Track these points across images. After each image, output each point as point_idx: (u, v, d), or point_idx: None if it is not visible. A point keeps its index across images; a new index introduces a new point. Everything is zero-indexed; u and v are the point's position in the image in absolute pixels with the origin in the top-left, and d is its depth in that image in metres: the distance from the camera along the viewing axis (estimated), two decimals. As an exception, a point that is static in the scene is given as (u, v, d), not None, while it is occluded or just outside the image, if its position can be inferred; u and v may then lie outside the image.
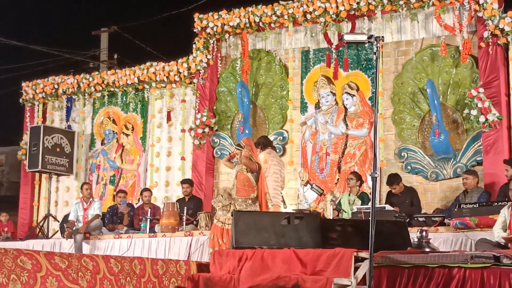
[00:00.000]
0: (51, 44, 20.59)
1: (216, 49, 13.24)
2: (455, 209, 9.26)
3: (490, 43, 10.80)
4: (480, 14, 10.88)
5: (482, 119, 10.62)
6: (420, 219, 9.64)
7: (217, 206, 9.15)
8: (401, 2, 11.43)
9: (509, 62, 10.83)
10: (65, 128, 14.84)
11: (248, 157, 9.08)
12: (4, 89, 21.05)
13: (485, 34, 10.81)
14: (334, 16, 12.00)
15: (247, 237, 7.51)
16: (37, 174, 14.91)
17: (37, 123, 14.94)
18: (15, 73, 19.44)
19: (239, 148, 9.29)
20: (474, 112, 10.69)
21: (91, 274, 6.23)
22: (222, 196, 9.26)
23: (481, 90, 10.67)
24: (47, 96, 15.15)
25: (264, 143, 10.47)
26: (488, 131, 10.70)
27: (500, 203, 8.79)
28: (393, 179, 10.69)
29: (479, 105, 10.62)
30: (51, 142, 14.13)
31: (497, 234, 7.98)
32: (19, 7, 26.93)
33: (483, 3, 10.79)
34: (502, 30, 10.67)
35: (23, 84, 15.45)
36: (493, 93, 10.73)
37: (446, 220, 9.47)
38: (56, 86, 14.96)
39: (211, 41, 13.18)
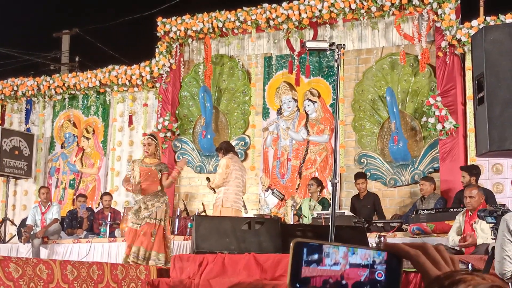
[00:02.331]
0: (11, 45, 20.37)
1: (179, 54, 13.26)
2: (413, 215, 9.42)
3: (448, 53, 11.00)
4: (438, 25, 11.09)
5: (439, 127, 10.81)
6: (379, 224, 9.77)
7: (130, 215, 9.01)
8: (362, 11, 11.59)
9: (465, 71, 11.03)
10: (24, 130, 14.68)
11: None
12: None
13: (443, 44, 11.00)
14: (296, 23, 12.11)
15: (208, 242, 7.56)
16: (-6, 177, 14.74)
17: (-5, 125, 14.77)
18: (-27, 74, 19.15)
19: (153, 139, 9.20)
20: (431, 120, 10.87)
21: (44, 284, 6.09)
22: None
23: (439, 98, 10.86)
24: (6, 98, 14.99)
25: (226, 148, 10.52)
26: (445, 138, 10.89)
27: (456, 209, 8.97)
28: (362, 174, 10.97)
29: (437, 113, 10.80)
30: (9, 145, 13.97)
31: (451, 239, 8.13)
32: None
33: (441, 14, 11.00)
34: (459, 41, 10.87)
35: (-18, 86, 15.27)
36: (450, 101, 10.92)
37: (403, 226, 9.61)
38: (15, 88, 14.81)
39: (174, 46, 13.19)
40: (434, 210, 9.30)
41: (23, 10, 26.94)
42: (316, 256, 1.25)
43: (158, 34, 13.28)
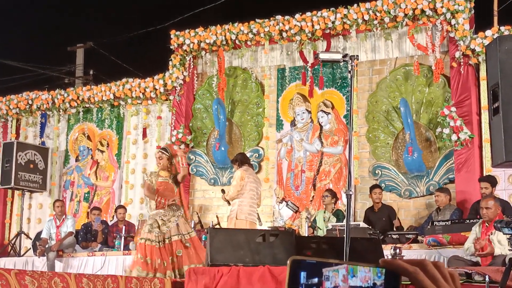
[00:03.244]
0: (26, 60, 20.50)
1: (192, 66, 13.28)
2: (428, 226, 9.37)
3: (462, 63, 10.95)
4: (452, 35, 11.05)
5: (454, 137, 10.75)
6: (394, 236, 9.71)
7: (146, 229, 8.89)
8: (375, 22, 11.57)
9: (480, 82, 10.98)
10: (39, 144, 14.73)
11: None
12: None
13: (457, 54, 10.96)
14: (309, 35, 12.10)
15: (222, 255, 7.52)
16: (9, 191, 14.76)
17: (10, 139, 14.80)
18: (-12, 88, 19.27)
19: (164, 152, 9.16)
20: (446, 131, 10.82)
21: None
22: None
23: (453, 109, 10.81)
24: (21, 112, 15.05)
25: (241, 160, 10.51)
26: (460, 149, 10.83)
27: (472, 220, 8.91)
28: (378, 185, 10.98)
29: (451, 123, 10.75)
30: (24, 159, 14.01)
31: (467, 248, 8.08)
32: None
33: (454, 24, 10.96)
34: (473, 51, 10.83)
35: (-4, 100, 15.35)
36: (464, 112, 10.87)
37: (419, 237, 9.56)
38: (30, 102, 14.87)
39: (188, 58, 13.21)
40: (450, 222, 9.23)
41: (37, 25, 27.13)
42: (315, 280, 1.23)
43: (171, 47, 13.31)
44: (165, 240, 8.68)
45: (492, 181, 9.81)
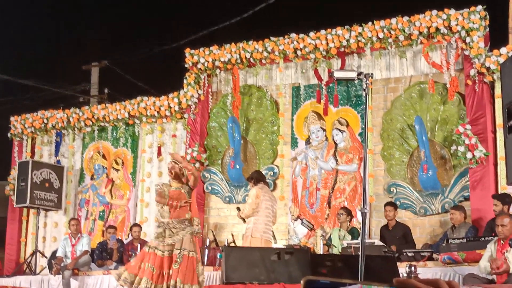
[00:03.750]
0: (41, 79, 20.64)
1: (207, 85, 13.33)
2: (443, 244, 9.33)
3: (477, 81, 10.94)
4: (466, 53, 11.05)
5: (469, 155, 10.72)
6: (409, 254, 9.68)
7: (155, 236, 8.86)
8: (390, 40, 11.59)
9: (495, 99, 10.96)
10: (54, 163, 14.79)
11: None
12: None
13: (472, 72, 10.96)
14: (324, 53, 12.13)
15: (238, 273, 7.53)
16: (24, 210, 14.79)
17: (26, 158, 14.88)
18: (3, 107, 19.42)
19: (176, 162, 9.11)
20: (461, 149, 10.79)
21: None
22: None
23: (468, 127, 10.79)
24: (36, 131, 15.13)
25: (257, 178, 10.52)
26: (475, 167, 10.79)
27: (487, 238, 8.87)
28: (391, 202, 10.96)
29: (466, 141, 10.73)
30: (39, 177, 14.07)
31: (483, 266, 8.04)
32: (8, 40, 27.03)
33: (469, 42, 10.96)
34: (488, 69, 10.82)
35: (12, 119, 15.39)
36: (480, 130, 10.85)
37: (434, 255, 9.52)
38: (45, 121, 14.95)
39: (202, 77, 13.26)
40: (465, 239, 9.20)
41: (52, 44, 27.34)
42: None
43: (186, 65, 13.36)
44: (165, 253, 8.61)
45: (503, 199, 9.78)
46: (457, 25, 11.06)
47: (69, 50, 27.17)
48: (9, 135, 15.44)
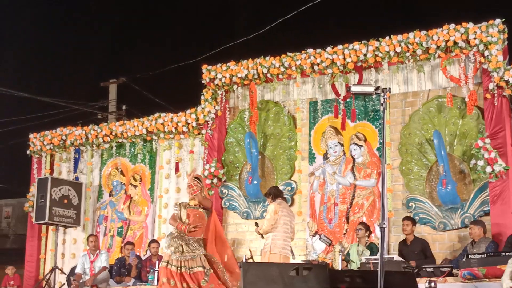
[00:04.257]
0: (59, 96, 20.81)
1: (224, 100, 13.34)
2: (463, 260, 9.24)
3: (496, 95, 10.88)
4: (485, 66, 10.99)
5: (488, 169, 10.64)
6: (429, 269, 9.59)
7: (169, 250, 8.89)
8: (407, 54, 11.55)
9: (514, 113, 10.90)
10: (73, 179, 14.85)
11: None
12: (12, 140, 21.15)
13: (491, 85, 10.89)
14: (341, 68, 12.11)
15: (256, 289, 7.48)
16: (43, 226, 14.85)
17: (45, 175, 14.95)
18: (22, 124, 19.54)
19: (197, 180, 9.14)
20: (480, 163, 10.71)
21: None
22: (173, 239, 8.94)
23: (488, 140, 10.72)
24: (54, 148, 15.21)
25: (275, 194, 10.50)
26: (494, 181, 10.71)
27: (508, 253, 8.78)
28: (411, 217, 10.88)
29: (486, 155, 10.65)
30: (58, 194, 14.13)
31: (506, 284, 7.95)
32: (27, 59, 27.26)
33: (488, 56, 10.90)
34: (507, 82, 10.76)
35: (31, 136, 15.49)
36: (499, 143, 10.77)
37: (454, 271, 9.43)
38: (64, 138, 15.02)
39: (219, 92, 13.28)
40: (485, 254, 9.11)
41: (70, 61, 27.54)
42: None
43: (203, 81, 13.39)
44: (182, 268, 8.63)
45: None
46: (475, 38, 11.01)
47: (87, 68, 27.37)
48: (28, 152, 15.54)
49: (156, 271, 11.44)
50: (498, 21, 11.05)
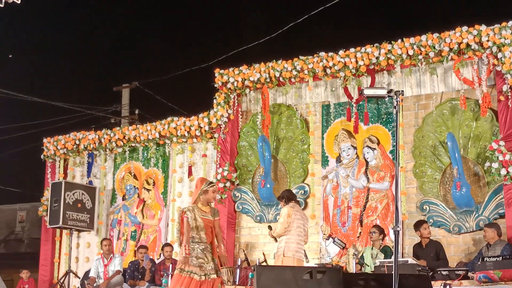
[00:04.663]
0: (73, 100, 20.85)
1: (236, 104, 13.36)
2: (479, 262, 9.20)
3: (510, 97, 10.82)
4: (498, 68, 10.94)
5: (503, 172, 10.60)
6: (444, 272, 9.56)
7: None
8: (420, 57, 11.52)
9: (528, 115, 10.83)
10: (86, 183, 14.91)
11: None
12: (26, 145, 21.26)
13: (504, 87, 10.85)
14: (353, 71, 12.09)
15: (270, 292, 7.47)
16: (57, 230, 14.91)
17: (58, 179, 15.00)
18: (36, 129, 19.63)
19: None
20: (495, 165, 10.66)
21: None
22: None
23: (502, 143, 10.67)
24: (68, 152, 15.27)
25: (288, 197, 10.48)
26: (509, 184, 10.65)
27: (523, 256, 8.74)
28: (420, 222, 10.79)
29: (500, 158, 10.61)
30: (72, 198, 14.18)
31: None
32: (40, 64, 27.41)
33: (501, 58, 10.85)
34: (521, 84, 10.72)
35: (45, 140, 15.57)
36: (514, 146, 10.72)
37: (469, 274, 9.39)
38: (77, 142, 15.09)
39: (232, 96, 13.30)
40: (501, 257, 9.07)
41: (83, 66, 27.64)
42: None
43: (215, 85, 13.41)
44: (205, 276, 8.61)
45: None
46: (488, 40, 10.97)
47: (100, 72, 27.46)
48: (42, 156, 15.62)
49: (170, 275, 11.45)
50: (511, 23, 11.00)
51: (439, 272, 9.56)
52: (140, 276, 12.54)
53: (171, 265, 11.86)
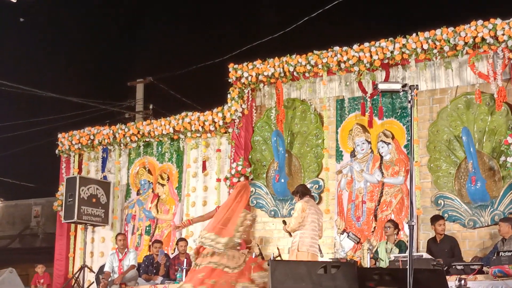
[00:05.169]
0: (87, 96, 20.92)
1: (250, 99, 13.36)
2: (494, 257, 9.17)
3: (525, 90, 10.78)
4: (514, 62, 10.90)
5: (519, 166, 10.56)
6: (459, 267, 9.53)
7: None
8: (434, 51, 11.47)
9: (544, 109, 10.78)
10: (101, 178, 14.96)
11: None
12: (40, 140, 21.34)
13: (520, 81, 10.80)
14: (368, 65, 12.06)
15: (284, 287, 7.47)
16: (72, 225, 14.98)
17: (73, 174, 15.07)
18: (51, 124, 19.70)
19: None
20: (510, 160, 10.62)
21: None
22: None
23: (517, 137, 10.63)
24: (83, 147, 15.33)
25: (302, 192, 10.47)
26: (525, 178, 10.62)
27: (540, 250, 8.69)
28: (436, 218, 10.73)
29: (516, 152, 10.57)
30: (86, 193, 14.24)
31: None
32: (55, 59, 27.50)
33: (517, 51, 10.80)
34: (537, 77, 10.66)
35: (59, 136, 15.65)
36: (529, 140, 10.67)
37: (484, 268, 9.36)
38: (92, 137, 15.14)
39: (246, 91, 13.30)
40: (516, 252, 9.02)
41: (98, 62, 27.71)
42: None
43: (230, 80, 13.42)
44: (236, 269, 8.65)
45: None
46: (503, 34, 10.90)
47: (114, 67, 27.51)
48: (56, 151, 15.69)
49: (184, 270, 11.48)
50: (527, 16, 10.94)
51: (454, 266, 9.54)
52: (154, 271, 12.58)
53: (185, 260, 11.89)
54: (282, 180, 12.57)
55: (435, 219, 10.76)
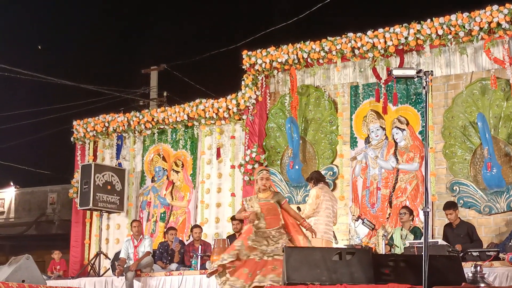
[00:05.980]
0: (102, 83, 20.98)
1: (264, 86, 13.34)
2: (510, 243, 9.15)
3: (541, 76, 10.69)
4: (530, 47, 10.81)
5: (535, 152, 10.50)
6: (474, 253, 9.49)
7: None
8: (449, 37, 11.39)
9: (560, 94, 10.70)
10: (116, 165, 15.00)
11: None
12: (56, 128, 21.45)
13: (536, 66, 10.71)
14: (382, 51, 12.01)
15: (299, 273, 7.49)
16: (88, 212, 15.05)
17: (88, 161, 15.12)
18: (66, 112, 19.79)
19: (268, 171, 9.14)
20: (526, 145, 10.57)
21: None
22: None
23: (533, 122, 10.56)
24: (97, 134, 15.37)
25: (317, 178, 10.46)
26: (541, 164, 10.56)
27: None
28: (451, 204, 10.63)
29: (532, 137, 10.51)
30: (102, 180, 14.29)
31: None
32: (70, 47, 27.57)
33: (533, 36, 10.72)
34: (553, 63, 10.57)
35: (74, 123, 15.69)
36: (545, 125, 10.60)
37: (500, 255, 9.31)
38: (106, 125, 15.18)
39: (260, 78, 13.28)
40: (532, 238, 9.00)
41: (112, 49, 27.75)
42: None
43: (243, 67, 13.40)
44: (265, 256, 8.59)
45: None
46: (519, 19, 10.83)
47: (129, 55, 27.54)
48: (72, 139, 15.74)
49: (199, 256, 11.52)
50: (543, 1, 10.84)
51: (469, 253, 9.51)
52: (169, 258, 12.62)
53: (200, 247, 11.91)
54: (297, 167, 12.57)
55: (444, 208, 10.68)
